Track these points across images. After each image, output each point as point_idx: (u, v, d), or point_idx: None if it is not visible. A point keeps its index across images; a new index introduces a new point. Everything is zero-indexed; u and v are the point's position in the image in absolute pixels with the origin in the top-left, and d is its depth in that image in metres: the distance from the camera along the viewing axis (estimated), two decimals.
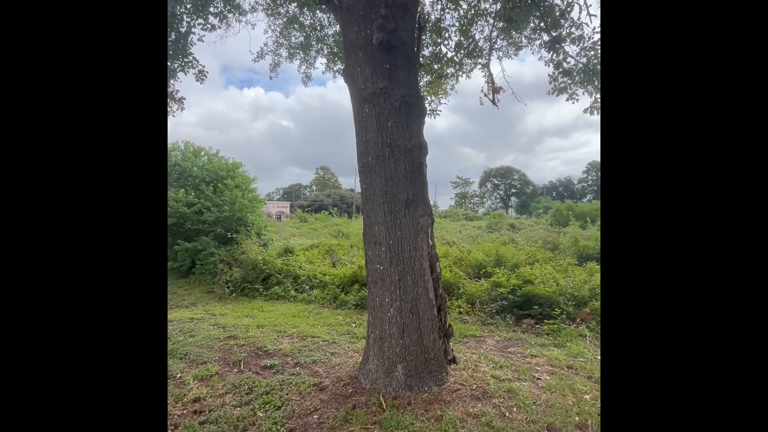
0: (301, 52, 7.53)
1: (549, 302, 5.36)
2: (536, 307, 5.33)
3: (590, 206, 22.33)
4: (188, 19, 5.10)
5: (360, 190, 3.31)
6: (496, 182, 72.84)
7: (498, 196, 73.47)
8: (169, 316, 5.97)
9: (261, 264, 8.17)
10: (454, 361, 3.49)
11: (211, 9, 5.10)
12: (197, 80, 5.26)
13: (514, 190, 72.06)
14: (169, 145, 11.80)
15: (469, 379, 3.33)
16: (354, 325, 5.37)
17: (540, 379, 3.42)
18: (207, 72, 5.25)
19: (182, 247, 9.45)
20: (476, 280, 6.77)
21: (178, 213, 9.66)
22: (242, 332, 4.87)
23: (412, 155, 3.09)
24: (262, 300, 7.34)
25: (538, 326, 5.09)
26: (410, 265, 3.07)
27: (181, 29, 4.99)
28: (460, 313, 5.78)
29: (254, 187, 11.68)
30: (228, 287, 8.03)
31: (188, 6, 5.01)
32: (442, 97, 5.26)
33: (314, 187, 76.72)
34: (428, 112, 5.65)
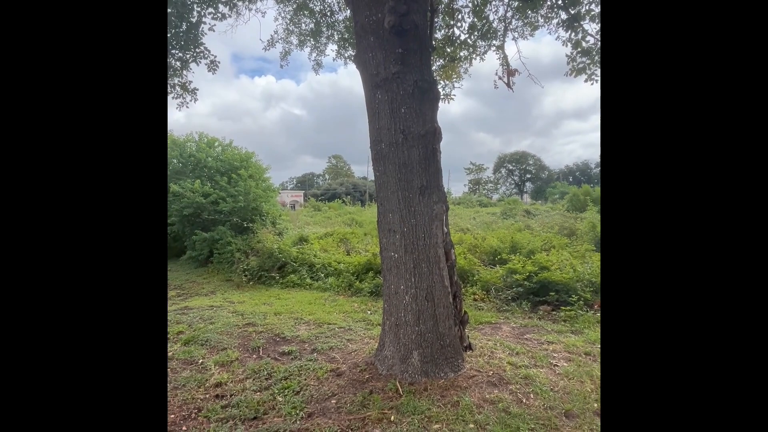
0: (311, 39, 7.45)
1: (566, 289, 5.29)
2: (553, 293, 5.27)
3: None
4: (199, 9, 5.09)
5: (373, 178, 3.29)
6: (511, 168, 71.60)
7: (513, 182, 72.34)
8: (190, 304, 6.14)
9: (277, 253, 8.29)
10: (470, 347, 3.49)
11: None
12: (209, 70, 5.27)
13: (529, 176, 70.79)
14: (183, 136, 11.96)
15: (485, 365, 3.33)
16: (369, 312, 5.42)
17: (557, 365, 3.40)
18: (219, 62, 5.25)
19: (200, 237, 9.65)
20: (491, 267, 6.72)
21: (194, 203, 9.84)
22: (260, 319, 4.97)
23: (426, 141, 3.04)
24: (279, 288, 7.46)
25: (554, 313, 5.04)
26: (425, 253, 3.05)
27: (191, 19, 4.99)
28: (475, 300, 5.76)
29: (268, 176, 11.79)
30: (245, 275, 8.19)
31: None
32: (455, 81, 5.15)
33: (327, 176, 76.92)
34: (442, 96, 5.54)
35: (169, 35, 4.91)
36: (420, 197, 3.04)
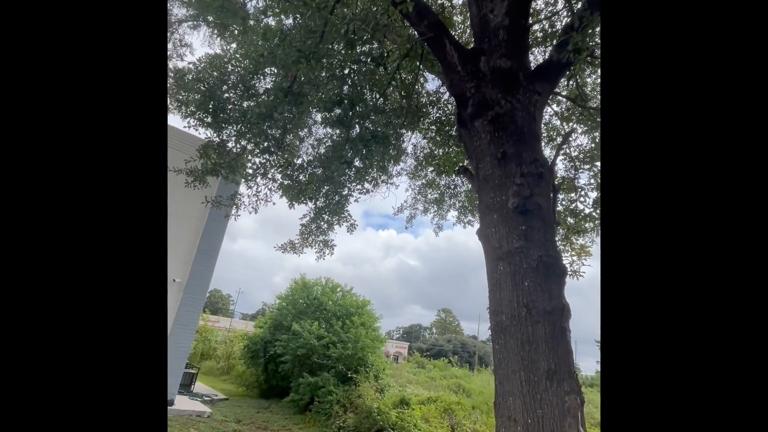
0: (435, 206, 8.40)
1: None
2: None
3: None
4: (349, 185, 6.41)
5: (484, 339, 3.08)
6: None
7: None
8: None
9: (375, 414, 7.69)
10: None
11: (368, 178, 6.33)
12: (348, 231, 6.24)
13: None
14: (313, 280, 13.52)
15: None
16: None
17: None
18: (356, 225, 6.21)
19: (305, 381, 9.73)
20: None
21: (308, 345, 10.32)
22: None
23: (553, 318, 2.81)
24: None
25: None
26: None
27: (343, 193, 6.25)
28: None
29: (378, 326, 11.98)
30: None
31: (351, 175, 6.34)
32: (584, 259, 4.93)
33: (434, 330, 74.00)
34: (570, 272, 5.23)
35: (323, 204, 6.17)
36: (547, 383, 2.64)
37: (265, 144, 4.81)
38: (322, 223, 6.16)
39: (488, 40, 3.75)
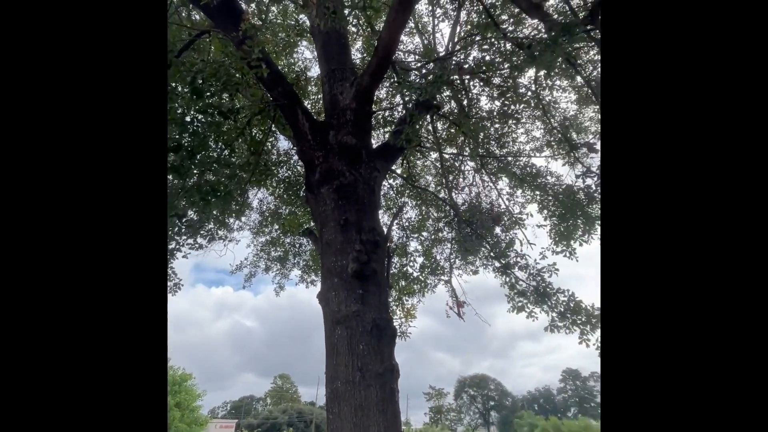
0: (278, 264, 8.10)
1: None
2: None
3: (578, 424, 20.23)
4: (178, 238, 5.60)
5: (320, 404, 2.97)
6: (473, 393, 66.83)
7: (477, 410, 66.02)
8: None
9: None
10: None
11: (202, 232, 5.71)
12: (170, 292, 5.34)
13: (492, 403, 65.58)
14: None
15: None
16: None
17: None
18: (182, 284, 5.40)
19: None
20: None
21: None
22: None
23: (384, 380, 2.96)
24: None
25: None
26: None
27: (169, 246, 5.41)
28: None
29: (199, 404, 10.16)
30: None
31: (183, 229, 5.59)
32: (410, 321, 5.49)
33: (269, 400, 66.93)
34: (398, 334, 5.71)
35: None
36: None
37: None
38: None
39: (337, 118, 4.14)
